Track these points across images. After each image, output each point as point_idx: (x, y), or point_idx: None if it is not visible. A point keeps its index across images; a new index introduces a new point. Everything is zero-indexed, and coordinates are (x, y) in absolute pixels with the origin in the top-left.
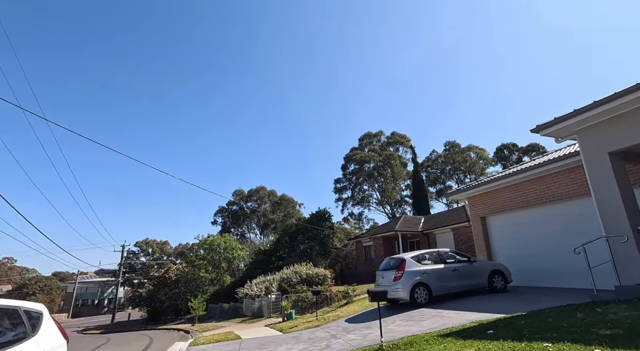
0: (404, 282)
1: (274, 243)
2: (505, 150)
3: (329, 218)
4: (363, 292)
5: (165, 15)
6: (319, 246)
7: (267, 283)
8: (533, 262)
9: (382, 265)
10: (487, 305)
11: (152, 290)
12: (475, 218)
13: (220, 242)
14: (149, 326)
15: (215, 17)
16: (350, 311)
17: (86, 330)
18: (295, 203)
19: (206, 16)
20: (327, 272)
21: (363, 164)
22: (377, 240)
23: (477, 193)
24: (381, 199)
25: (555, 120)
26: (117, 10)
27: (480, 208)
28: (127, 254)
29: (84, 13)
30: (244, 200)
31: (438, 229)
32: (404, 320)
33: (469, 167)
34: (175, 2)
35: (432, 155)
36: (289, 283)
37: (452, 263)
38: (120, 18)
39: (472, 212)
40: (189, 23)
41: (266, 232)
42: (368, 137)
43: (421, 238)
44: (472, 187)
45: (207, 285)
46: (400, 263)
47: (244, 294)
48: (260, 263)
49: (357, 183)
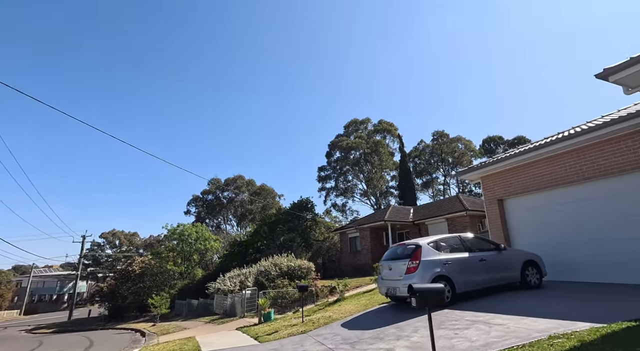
0: (420, 275)
1: (252, 234)
2: (492, 143)
3: (311, 208)
4: (354, 287)
5: None
6: (300, 237)
7: (242, 277)
8: (566, 253)
9: (389, 254)
10: (538, 306)
11: (113, 284)
12: (491, 201)
13: (191, 232)
14: (107, 325)
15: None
16: (344, 312)
17: (36, 329)
18: (275, 194)
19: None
20: (310, 264)
21: (349, 151)
22: (364, 230)
23: (495, 170)
24: (367, 189)
25: (632, 60)
26: None
27: (497, 189)
28: (91, 246)
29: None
30: (220, 190)
31: (430, 219)
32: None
33: (457, 158)
34: None
35: (419, 145)
36: (267, 277)
37: (478, 252)
38: None
39: (487, 194)
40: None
41: (244, 224)
42: (354, 124)
43: (411, 229)
44: (489, 164)
45: (176, 279)
46: (414, 250)
47: (216, 289)
48: (235, 256)
49: (342, 172)
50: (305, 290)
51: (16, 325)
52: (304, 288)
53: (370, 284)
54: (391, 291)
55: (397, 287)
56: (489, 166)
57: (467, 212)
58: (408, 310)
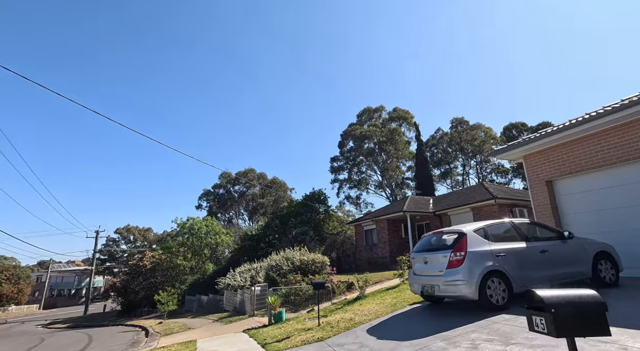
0: (468, 270)
1: (263, 228)
2: (514, 130)
3: (324, 200)
4: (374, 282)
5: None
6: (313, 231)
7: (253, 272)
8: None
9: (423, 244)
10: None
11: (125, 280)
12: (537, 183)
13: (201, 226)
14: (119, 321)
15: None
16: (368, 314)
17: (52, 324)
18: (286, 187)
19: None
20: (325, 258)
21: (363, 141)
22: (381, 222)
23: (543, 147)
24: (382, 180)
25: None
26: None
27: (545, 169)
28: (107, 241)
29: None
30: (231, 184)
31: (453, 209)
32: (493, 341)
33: (477, 146)
34: None
35: (437, 134)
36: (278, 272)
37: (537, 241)
38: None
39: (532, 175)
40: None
41: (255, 217)
42: (367, 112)
43: (432, 220)
44: (536, 139)
45: (187, 274)
46: (458, 239)
47: (225, 285)
48: (247, 250)
49: (356, 163)
50: (322, 288)
51: (34, 319)
52: (320, 285)
53: (392, 279)
54: (428, 290)
55: (436, 285)
56: (535, 141)
57: (496, 200)
58: (450, 313)
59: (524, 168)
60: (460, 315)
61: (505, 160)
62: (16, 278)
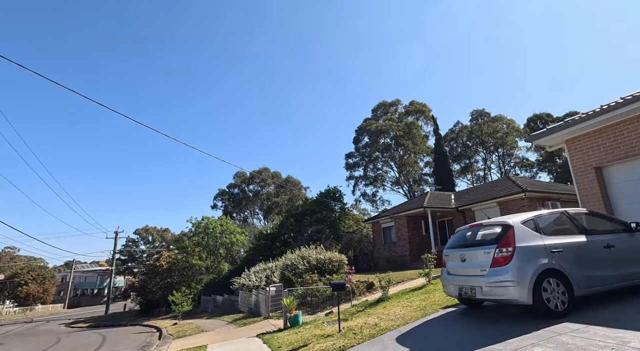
0: (518, 269)
1: (278, 227)
2: (539, 121)
3: (340, 197)
4: (395, 282)
5: None
6: (329, 229)
7: (268, 272)
8: None
9: (458, 239)
10: None
11: (143, 279)
12: (584, 170)
13: (216, 225)
14: (137, 321)
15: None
16: (395, 318)
17: (74, 323)
18: (301, 186)
19: None
20: (342, 257)
21: (379, 136)
22: (400, 219)
23: (589, 129)
24: (399, 177)
25: None
26: None
27: (594, 154)
28: (126, 242)
29: None
30: (245, 183)
31: (478, 204)
32: None
33: (500, 139)
34: None
35: (455, 127)
36: (294, 272)
37: (599, 234)
38: None
39: (577, 161)
40: None
41: (270, 217)
42: (383, 106)
43: (454, 216)
44: (581, 120)
45: (203, 274)
46: (503, 233)
47: (240, 285)
48: (262, 249)
49: (371, 159)
50: (342, 289)
51: (58, 318)
52: (340, 287)
53: (416, 279)
54: (467, 292)
55: (477, 286)
56: (581, 123)
57: (526, 193)
58: (495, 319)
59: (567, 154)
60: (508, 322)
61: (543, 145)
62: (42, 278)
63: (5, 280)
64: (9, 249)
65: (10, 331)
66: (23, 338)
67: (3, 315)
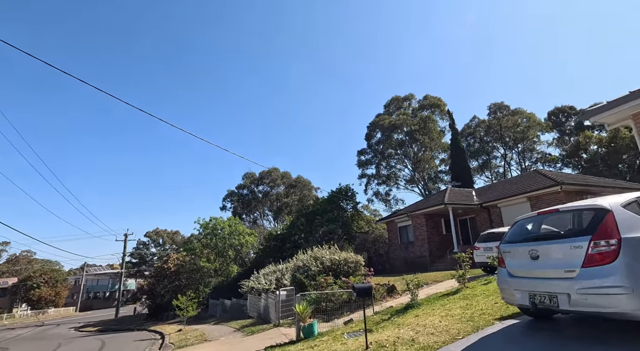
0: (629, 269)
1: (288, 227)
2: (561, 115)
3: (352, 196)
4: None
5: None
6: (341, 229)
7: (279, 274)
8: None
9: (521, 231)
10: None
11: (151, 282)
12: None
13: (224, 226)
14: (144, 325)
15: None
16: (435, 331)
17: (84, 327)
18: (311, 187)
19: None
20: (359, 258)
21: (392, 131)
22: (418, 218)
23: None
24: (414, 174)
25: None
26: None
27: None
28: (137, 245)
29: None
30: (254, 184)
31: (505, 200)
32: None
33: (521, 133)
34: None
35: (472, 122)
36: (306, 274)
37: None
38: None
39: None
40: None
41: (280, 218)
42: (396, 101)
43: (478, 214)
44: None
45: (212, 277)
46: (598, 219)
47: (249, 288)
48: (271, 251)
49: (385, 156)
50: (369, 295)
51: (69, 321)
52: (366, 292)
53: (443, 281)
54: (544, 300)
55: (561, 293)
56: None
57: (562, 186)
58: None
59: (635, 132)
60: (605, 342)
61: (601, 123)
62: (53, 281)
63: (18, 283)
64: (26, 253)
65: (19, 335)
66: (28, 342)
67: (17, 318)
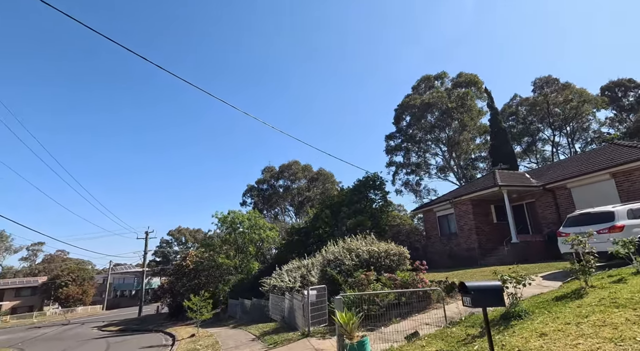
0: None
1: (311, 220)
2: (617, 89)
3: (381, 185)
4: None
5: None
6: (371, 221)
7: (304, 270)
8: None
9: None
10: None
11: (171, 281)
12: None
13: (243, 219)
14: (164, 325)
15: None
16: None
17: (107, 326)
18: (334, 180)
19: None
20: (403, 249)
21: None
22: (463, 205)
23: None
24: (449, 159)
25: None
26: None
27: None
28: (160, 243)
29: None
30: (274, 178)
31: (577, 179)
32: None
33: (574, 109)
34: None
35: (512, 102)
36: (339, 269)
37: None
38: None
39: None
40: None
41: (302, 212)
42: (426, 80)
43: (538, 198)
44: None
45: (232, 274)
46: None
47: (271, 286)
48: (294, 245)
49: (415, 141)
50: (498, 302)
51: (94, 320)
52: (493, 297)
53: (546, 271)
54: None
55: None
56: None
57: None
58: None
59: None
60: None
61: None
62: (81, 279)
63: (47, 282)
64: (60, 252)
65: (43, 334)
66: (46, 343)
67: (47, 316)
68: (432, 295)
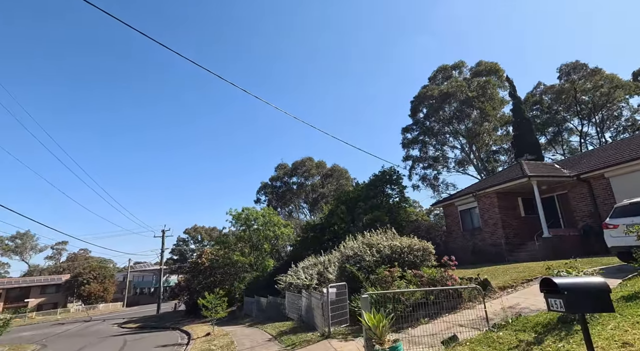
0: None
1: (327, 216)
2: None
3: (398, 180)
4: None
5: None
6: (388, 216)
7: (320, 267)
8: None
9: None
10: None
11: (187, 278)
12: None
13: (257, 216)
14: (181, 322)
15: None
16: None
17: (127, 323)
18: (348, 176)
19: None
20: (427, 244)
21: (443, 102)
22: (488, 198)
23: None
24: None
25: None
26: None
27: None
28: (177, 242)
29: None
30: (288, 175)
31: (616, 168)
32: None
33: (605, 96)
34: None
35: (536, 90)
36: (359, 265)
37: None
38: None
39: None
40: None
41: (316, 209)
42: (443, 70)
43: (571, 189)
44: None
45: (247, 272)
46: None
47: (287, 284)
48: (309, 242)
49: (433, 133)
50: (606, 307)
51: (115, 317)
52: (597, 300)
53: (591, 266)
54: None
55: None
56: None
57: None
58: None
59: None
60: None
61: None
62: (102, 277)
63: (70, 280)
64: (82, 251)
65: (66, 331)
66: (68, 339)
67: (71, 313)
68: (464, 293)
